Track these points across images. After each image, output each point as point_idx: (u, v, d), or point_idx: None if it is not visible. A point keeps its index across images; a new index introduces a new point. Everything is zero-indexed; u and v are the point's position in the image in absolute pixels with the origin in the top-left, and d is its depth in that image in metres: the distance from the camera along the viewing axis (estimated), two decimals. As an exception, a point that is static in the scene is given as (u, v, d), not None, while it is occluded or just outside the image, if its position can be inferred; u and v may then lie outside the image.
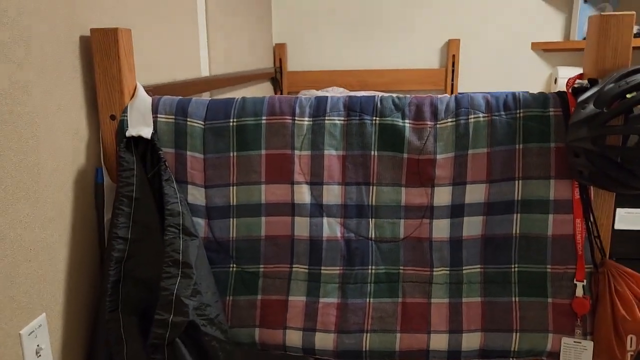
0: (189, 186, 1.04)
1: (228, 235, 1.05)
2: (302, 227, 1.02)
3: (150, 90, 1.26)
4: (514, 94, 1.01)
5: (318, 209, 1.02)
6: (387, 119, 1.01)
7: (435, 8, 2.84)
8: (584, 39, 2.69)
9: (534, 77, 2.86)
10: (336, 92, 2.72)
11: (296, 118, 1.02)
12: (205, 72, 1.77)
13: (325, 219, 1.02)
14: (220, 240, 1.05)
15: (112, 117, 1.04)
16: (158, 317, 0.92)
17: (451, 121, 1.00)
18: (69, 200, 0.97)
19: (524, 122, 0.99)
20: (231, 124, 1.03)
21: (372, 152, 1.02)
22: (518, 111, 0.99)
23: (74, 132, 0.99)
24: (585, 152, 0.88)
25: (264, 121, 1.03)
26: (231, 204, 1.04)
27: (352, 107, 1.02)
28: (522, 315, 1.01)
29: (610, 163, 0.87)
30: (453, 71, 2.86)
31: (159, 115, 1.04)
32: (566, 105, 0.98)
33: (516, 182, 1.00)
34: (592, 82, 0.93)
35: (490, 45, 2.85)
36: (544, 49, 2.82)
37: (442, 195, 1.01)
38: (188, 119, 1.03)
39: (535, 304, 1.01)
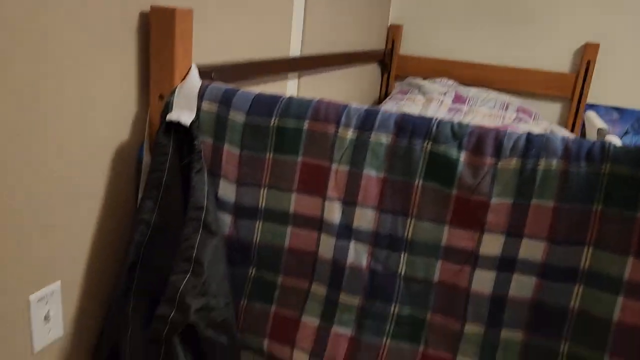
0: (222, 180, 0.99)
1: (252, 238, 0.99)
2: (326, 246, 0.94)
3: (227, 68, 1.22)
4: (602, 143, 0.82)
5: (346, 231, 0.93)
6: (440, 146, 0.87)
7: (577, 5, 2.50)
8: None
9: (686, 100, 2.44)
10: (445, 85, 2.53)
11: (340, 128, 0.92)
12: (295, 52, 1.70)
13: (352, 243, 0.93)
14: (243, 242, 1.00)
15: (161, 97, 1.01)
16: (159, 311, 0.90)
17: (516, 162, 0.84)
18: (104, 174, 0.97)
19: (608, 180, 0.80)
20: (272, 123, 0.96)
21: (417, 181, 0.89)
22: (603, 165, 0.81)
23: (120, 107, 0.98)
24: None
25: (306, 126, 0.94)
26: (260, 206, 0.98)
27: (403, 127, 0.90)
28: (562, 402, 0.85)
29: None
30: (585, 79, 2.52)
31: (203, 102, 0.99)
32: (669, 168, 0.77)
33: (585, 248, 0.82)
34: None
35: (636, 55, 2.46)
36: None
37: (492, 244, 0.87)
38: (231, 111, 0.98)
39: (580, 394, 0.84)
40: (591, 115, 2.03)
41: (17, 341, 0.86)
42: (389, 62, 2.75)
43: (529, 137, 0.85)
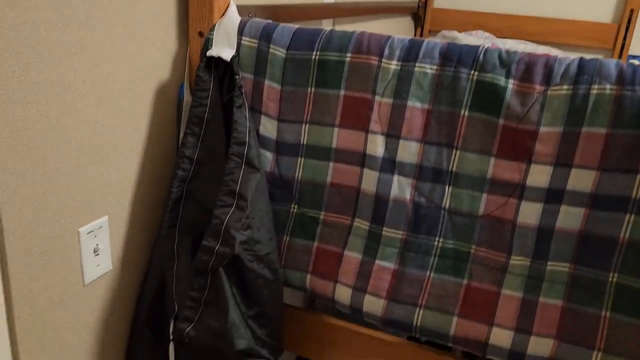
0: (263, 117, 0.99)
1: (294, 175, 0.99)
2: (369, 181, 0.93)
3: (263, 10, 1.21)
4: (660, 65, 0.79)
5: (390, 165, 0.92)
6: (487, 75, 0.85)
7: (621, -51, 2.38)
8: None
9: None
10: (481, 38, 2.46)
11: (383, 60, 0.90)
12: (329, -1, 1.67)
13: (395, 177, 0.92)
14: (285, 178, 1.00)
15: (200, 34, 1.01)
16: (205, 244, 0.91)
17: (567, 89, 0.82)
18: (147, 112, 0.98)
19: (666, 103, 0.77)
20: (313, 56, 0.94)
21: (463, 112, 0.87)
22: (661, 88, 0.77)
23: (160, 45, 0.98)
24: None
25: (348, 58, 0.92)
26: (301, 142, 0.98)
27: (448, 56, 0.88)
28: (609, 334, 0.84)
29: None
30: (627, 29, 2.42)
31: (243, 38, 0.98)
32: None
33: (638, 176, 0.80)
34: None
35: (684, 2, 2.34)
36: None
37: (539, 175, 0.85)
38: (271, 46, 0.97)
39: (629, 326, 0.83)
40: (635, 63, 1.95)
41: (69, 273, 0.89)
42: (423, 15, 2.68)
43: (581, 62, 0.82)
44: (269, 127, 0.99)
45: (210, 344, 0.92)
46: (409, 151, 0.91)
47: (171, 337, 0.99)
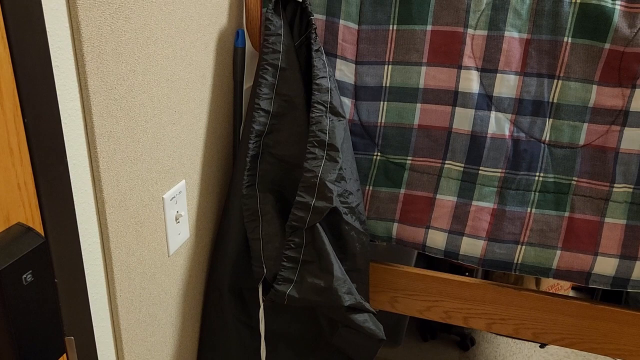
0: (338, 60, 0.92)
1: (376, 120, 0.94)
2: (463, 119, 0.89)
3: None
4: None
5: (486, 101, 0.88)
6: (592, -3, 0.81)
7: None
8: None
9: None
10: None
11: (475, -12, 0.85)
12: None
13: (493, 114, 0.88)
14: (366, 125, 0.94)
15: (260, -27, 0.92)
16: (299, 200, 0.86)
17: (679, 6, 0.79)
18: (210, 62, 0.89)
19: None
20: (395, -10, 0.87)
21: (565, 39, 0.83)
22: None
23: (219, -13, 0.88)
24: None
25: (435, -10, 0.86)
26: (384, 85, 0.92)
27: (548, -21, 0.83)
28: None
29: None
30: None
31: (312, -26, 0.90)
32: None
33: None
34: None
35: None
36: None
37: (643, 100, 0.83)
38: (345, -19, 0.89)
39: None
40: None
41: (157, 244, 0.82)
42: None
43: (690, -23, 0.80)
44: (346, 72, 0.92)
45: (314, 303, 0.88)
46: (506, 85, 0.87)
47: (261, 301, 0.94)
